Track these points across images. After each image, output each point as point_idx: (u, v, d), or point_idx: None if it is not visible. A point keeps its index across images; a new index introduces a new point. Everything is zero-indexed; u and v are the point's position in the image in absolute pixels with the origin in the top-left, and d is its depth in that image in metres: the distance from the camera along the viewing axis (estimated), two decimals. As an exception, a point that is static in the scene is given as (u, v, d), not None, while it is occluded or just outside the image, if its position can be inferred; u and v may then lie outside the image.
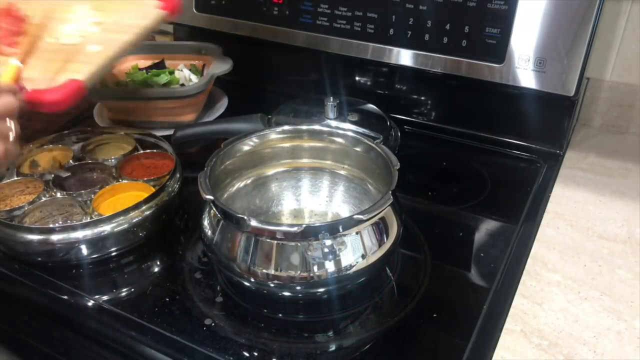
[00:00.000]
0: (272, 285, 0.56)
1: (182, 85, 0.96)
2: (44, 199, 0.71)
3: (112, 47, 0.72)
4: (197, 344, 0.56)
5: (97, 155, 0.82)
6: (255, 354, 0.56)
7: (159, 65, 1.02)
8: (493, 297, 0.61)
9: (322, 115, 0.84)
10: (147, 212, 0.68)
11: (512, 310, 0.59)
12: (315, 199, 0.73)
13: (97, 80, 0.71)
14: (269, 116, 0.86)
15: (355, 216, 0.54)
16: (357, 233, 0.55)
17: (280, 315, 0.60)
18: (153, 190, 0.72)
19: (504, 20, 0.78)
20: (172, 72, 0.99)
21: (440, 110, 0.95)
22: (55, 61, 0.70)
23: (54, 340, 0.65)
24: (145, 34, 0.77)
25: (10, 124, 0.56)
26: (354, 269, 0.56)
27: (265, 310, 0.60)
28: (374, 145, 0.66)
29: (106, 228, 0.65)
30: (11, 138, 0.57)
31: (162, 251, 0.70)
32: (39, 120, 0.93)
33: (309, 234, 0.53)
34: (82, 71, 0.68)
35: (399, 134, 0.88)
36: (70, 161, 0.79)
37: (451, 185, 0.83)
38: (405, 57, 0.88)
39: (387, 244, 0.58)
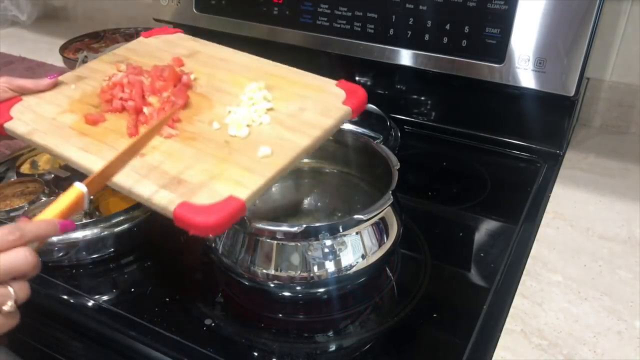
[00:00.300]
0: (272, 285, 0.56)
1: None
2: (44, 199, 0.71)
3: (285, 152, 0.55)
4: (197, 344, 0.56)
5: (97, 155, 0.82)
6: (255, 354, 0.56)
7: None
8: (493, 297, 0.61)
9: (322, 115, 0.84)
10: (147, 212, 0.68)
11: (512, 310, 0.59)
12: (315, 199, 0.73)
13: (258, 198, 0.52)
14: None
15: (355, 216, 0.54)
16: (357, 233, 0.56)
17: (280, 315, 0.60)
18: (153, 190, 0.71)
19: (504, 20, 0.78)
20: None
21: (440, 110, 0.95)
22: (216, 159, 0.54)
23: (54, 340, 0.65)
24: (325, 138, 0.58)
25: (10, 289, 0.41)
26: (354, 269, 0.56)
27: (265, 310, 0.60)
28: (374, 145, 0.66)
29: (106, 228, 0.65)
30: (8, 307, 0.41)
31: (162, 251, 0.70)
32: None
33: (309, 234, 0.53)
34: (245, 184, 0.51)
35: (399, 134, 0.88)
36: (70, 161, 0.78)
37: (451, 185, 0.83)
38: (405, 57, 0.88)
39: (387, 244, 0.58)
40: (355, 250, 0.55)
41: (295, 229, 0.53)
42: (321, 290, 0.57)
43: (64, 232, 0.45)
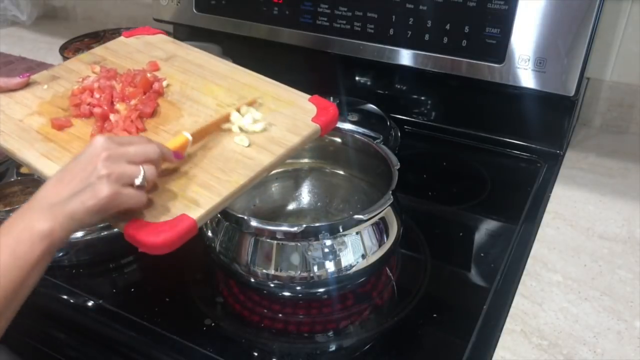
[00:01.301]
0: (272, 285, 0.56)
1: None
2: (44, 199, 0.71)
3: (245, 170, 0.54)
4: (197, 344, 0.56)
5: (97, 155, 0.82)
6: (255, 354, 0.56)
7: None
8: (493, 297, 0.61)
9: (322, 115, 0.84)
10: (147, 212, 0.68)
11: (512, 310, 0.59)
12: (315, 199, 0.73)
13: (211, 217, 0.53)
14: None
15: (355, 216, 0.54)
16: (357, 233, 0.55)
17: (280, 315, 0.60)
18: (153, 190, 0.71)
19: (504, 20, 0.78)
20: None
21: (440, 110, 0.95)
22: (175, 173, 0.54)
23: (54, 340, 0.65)
24: (288, 157, 0.57)
25: (141, 167, 0.48)
26: (354, 269, 0.56)
27: (265, 310, 0.60)
28: (374, 145, 0.66)
29: (106, 228, 0.65)
30: (139, 181, 0.47)
31: (162, 251, 0.70)
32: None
33: (309, 234, 0.53)
34: (200, 203, 0.51)
35: (399, 134, 0.88)
36: (70, 161, 0.78)
37: (451, 185, 0.83)
38: (405, 57, 0.88)
39: (387, 244, 0.58)
40: (355, 250, 0.55)
41: (295, 229, 0.53)
42: (321, 290, 0.57)
43: (175, 158, 0.53)
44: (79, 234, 0.64)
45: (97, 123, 0.60)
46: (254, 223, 0.53)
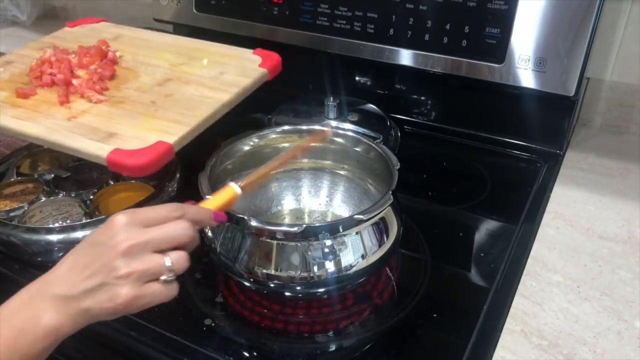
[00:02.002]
0: (272, 285, 0.56)
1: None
2: (44, 199, 0.71)
3: (207, 106, 0.64)
4: (197, 344, 0.56)
5: (97, 155, 0.82)
6: (255, 354, 0.56)
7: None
8: (493, 297, 0.61)
9: (322, 115, 0.85)
10: (147, 212, 0.68)
11: (512, 310, 0.59)
12: (315, 199, 0.73)
13: (185, 143, 0.62)
14: (269, 116, 0.86)
15: (356, 216, 0.54)
16: (357, 233, 0.55)
17: (280, 315, 0.60)
18: (153, 190, 0.72)
19: (504, 20, 0.78)
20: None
21: (440, 110, 0.95)
22: (144, 115, 0.63)
23: (54, 340, 0.65)
24: (244, 95, 0.68)
25: (167, 258, 0.42)
26: (354, 269, 0.56)
27: (265, 310, 0.60)
28: (374, 145, 0.66)
29: (106, 228, 0.65)
30: (165, 277, 0.42)
31: (162, 251, 0.70)
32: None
33: (309, 234, 0.53)
34: (172, 132, 0.60)
35: (399, 134, 0.88)
36: (70, 161, 0.79)
37: (451, 185, 0.83)
38: (405, 57, 0.88)
39: (387, 244, 0.58)
40: (355, 250, 0.55)
41: (295, 229, 0.53)
42: (321, 290, 0.57)
43: (217, 221, 0.48)
44: (79, 234, 0.64)
45: (62, 89, 0.66)
46: (254, 223, 0.53)
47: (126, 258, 0.40)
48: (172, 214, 0.43)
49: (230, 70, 0.70)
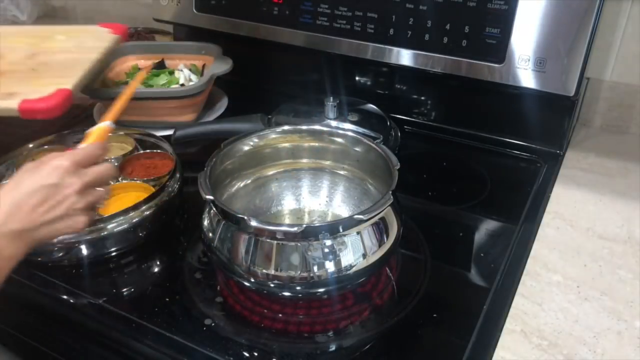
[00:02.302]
0: (272, 285, 0.56)
1: (182, 85, 0.96)
2: (44, 199, 0.71)
3: (83, 64, 0.81)
4: (197, 344, 0.56)
5: (97, 155, 0.82)
6: (255, 354, 0.56)
7: (159, 65, 1.02)
8: (493, 297, 0.61)
9: (322, 115, 0.84)
10: (147, 212, 0.68)
11: (512, 310, 0.59)
12: (315, 199, 0.73)
13: (81, 89, 0.79)
14: (269, 116, 0.86)
15: (356, 216, 0.54)
16: (357, 233, 0.55)
17: (280, 315, 0.60)
18: (153, 190, 0.72)
19: (504, 20, 0.78)
20: (172, 72, 0.99)
21: (440, 110, 0.95)
22: (31, 78, 0.77)
23: (54, 340, 0.65)
24: (108, 53, 0.87)
25: (101, 190, 0.56)
26: (354, 269, 0.56)
27: (265, 310, 0.60)
28: (374, 145, 0.66)
29: (106, 228, 0.65)
30: (100, 206, 0.58)
31: (162, 251, 0.70)
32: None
33: (309, 234, 0.53)
34: (66, 83, 0.74)
35: (399, 134, 0.88)
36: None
37: (451, 185, 0.83)
38: (405, 57, 0.88)
39: (387, 244, 0.58)
40: (355, 250, 0.55)
41: (295, 229, 0.53)
42: (321, 290, 0.57)
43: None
44: (79, 234, 0.64)
45: None
46: (254, 223, 0.53)
47: (80, 195, 0.52)
48: (97, 152, 0.56)
49: (88, 39, 0.87)
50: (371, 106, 0.90)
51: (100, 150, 0.57)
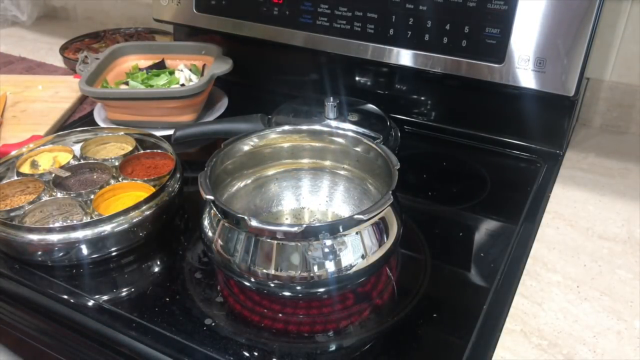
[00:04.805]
0: (272, 285, 0.56)
1: (182, 85, 0.96)
2: (44, 199, 0.71)
3: (56, 112, 0.96)
4: (197, 344, 0.56)
5: (97, 155, 0.82)
6: (255, 354, 0.56)
7: (159, 65, 1.02)
8: (493, 297, 0.61)
9: (322, 115, 0.84)
10: (147, 212, 0.68)
11: (512, 310, 0.59)
12: (315, 199, 0.73)
13: (52, 133, 0.91)
14: (269, 116, 0.86)
15: (356, 216, 0.54)
16: (357, 233, 0.55)
17: (280, 315, 0.60)
18: (153, 190, 0.72)
19: (504, 20, 0.78)
20: (172, 72, 0.99)
21: (440, 110, 0.95)
22: (11, 125, 0.93)
23: (54, 340, 0.65)
24: (79, 103, 1.03)
25: None
26: (354, 269, 0.56)
27: (265, 310, 0.60)
28: (374, 145, 0.66)
29: (106, 228, 0.65)
30: None
31: (162, 251, 0.70)
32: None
33: (309, 234, 0.53)
34: (40, 130, 0.91)
35: (399, 134, 0.88)
36: (71, 161, 0.79)
37: (451, 185, 0.83)
38: (405, 57, 0.88)
39: (387, 244, 0.58)
40: (355, 250, 0.55)
41: (295, 229, 0.53)
42: (321, 290, 0.57)
43: None
44: (79, 234, 0.64)
45: None
46: (254, 223, 0.53)
47: None
48: None
49: (63, 89, 1.04)
50: (371, 106, 0.90)
51: None
